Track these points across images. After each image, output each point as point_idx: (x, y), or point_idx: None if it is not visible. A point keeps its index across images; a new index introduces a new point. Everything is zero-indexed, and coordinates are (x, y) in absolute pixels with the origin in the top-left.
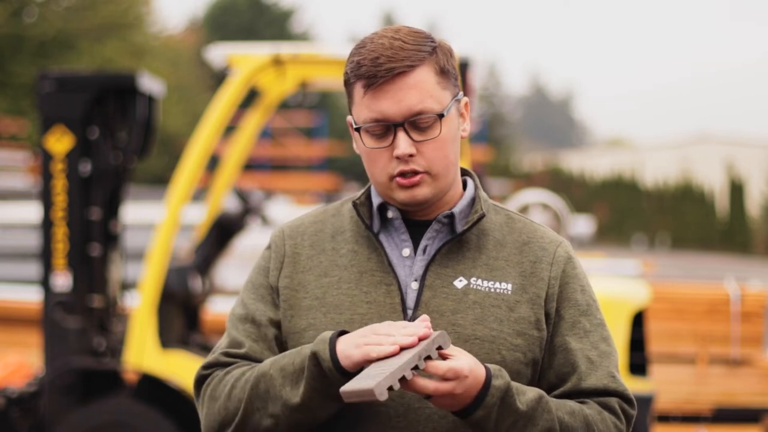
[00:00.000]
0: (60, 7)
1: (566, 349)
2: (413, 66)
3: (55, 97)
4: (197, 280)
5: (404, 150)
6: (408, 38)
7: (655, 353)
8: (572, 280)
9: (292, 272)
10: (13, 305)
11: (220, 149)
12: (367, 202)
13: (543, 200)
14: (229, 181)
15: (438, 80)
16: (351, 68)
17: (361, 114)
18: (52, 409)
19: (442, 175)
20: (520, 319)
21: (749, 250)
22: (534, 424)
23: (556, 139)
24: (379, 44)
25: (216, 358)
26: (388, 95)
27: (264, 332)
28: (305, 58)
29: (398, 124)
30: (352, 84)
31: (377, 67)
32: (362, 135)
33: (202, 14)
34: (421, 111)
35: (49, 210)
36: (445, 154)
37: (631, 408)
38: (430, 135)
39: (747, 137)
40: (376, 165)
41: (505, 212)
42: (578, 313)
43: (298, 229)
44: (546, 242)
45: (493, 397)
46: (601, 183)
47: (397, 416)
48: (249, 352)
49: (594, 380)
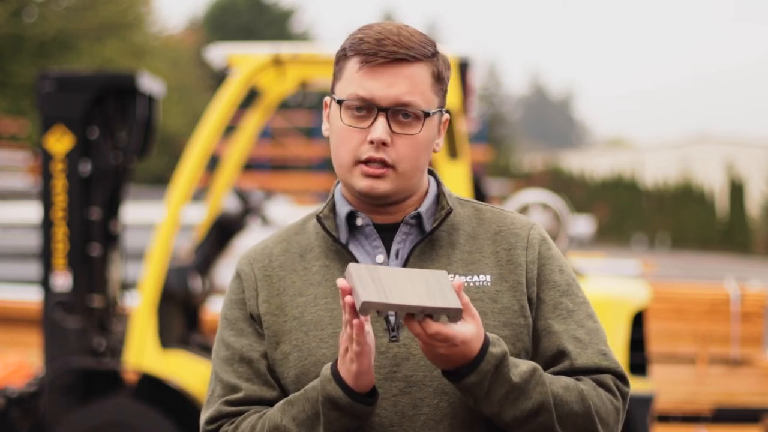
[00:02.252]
0: (60, 7)
1: (550, 332)
2: (414, 59)
3: (55, 97)
4: (197, 280)
5: (380, 135)
6: (415, 34)
7: (655, 353)
8: (548, 262)
9: (268, 296)
10: (13, 305)
11: (220, 149)
12: (332, 214)
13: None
14: (229, 181)
15: (432, 83)
16: (351, 43)
17: (347, 88)
18: (52, 409)
19: (407, 176)
20: (504, 309)
21: (749, 250)
22: (527, 397)
23: (556, 139)
24: (386, 29)
25: (218, 410)
26: (382, 77)
27: (257, 368)
28: (305, 58)
29: (382, 108)
30: (347, 57)
31: (381, 47)
32: (342, 110)
33: (202, 14)
34: (409, 103)
35: (49, 210)
36: (417, 155)
37: (624, 385)
38: (409, 130)
39: (747, 137)
40: (345, 146)
41: (471, 204)
42: (558, 294)
43: (264, 251)
44: (517, 227)
45: (488, 364)
46: (601, 183)
47: (391, 425)
48: (247, 394)
49: (585, 359)
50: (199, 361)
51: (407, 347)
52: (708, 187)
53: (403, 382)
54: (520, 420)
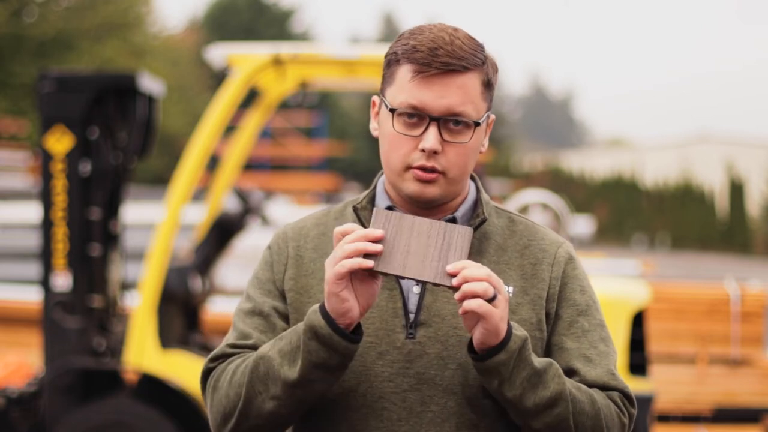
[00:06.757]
0: (60, 7)
1: (562, 348)
2: (467, 69)
3: (55, 97)
4: (197, 280)
5: (432, 145)
6: (466, 41)
7: (655, 353)
8: (572, 281)
9: (296, 275)
10: (13, 305)
11: (220, 149)
12: (370, 205)
13: (543, 200)
14: (229, 181)
15: (482, 90)
16: (404, 49)
17: (399, 96)
18: (52, 409)
19: (456, 182)
20: (522, 322)
21: (749, 250)
22: (545, 385)
23: (556, 139)
24: (438, 36)
25: (222, 350)
26: (434, 87)
27: (273, 322)
28: (305, 58)
29: (434, 118)
30: (398, 64)
31: (435, 57)
32: (394, 117)
33: (202, 14)
34: (461, 113)
35: (49, 210)
36: (466, 162)
37: (631, 406)
38: (459, 139)
39: (747, 137)
40: (397, 151)
41: (507, 215)
42: (576, 312)
43: (301, 231)
44: (546, 243)
45: (515, 344)
46: (601, 183)
47: (399, 420)
48: (257, 343)
49: (594, 376)
50: (199, 361)
51: (422, 345)
52: (708, 187)
53: (414, 379)
54: (540, 408)
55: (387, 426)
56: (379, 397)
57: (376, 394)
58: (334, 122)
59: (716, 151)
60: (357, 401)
